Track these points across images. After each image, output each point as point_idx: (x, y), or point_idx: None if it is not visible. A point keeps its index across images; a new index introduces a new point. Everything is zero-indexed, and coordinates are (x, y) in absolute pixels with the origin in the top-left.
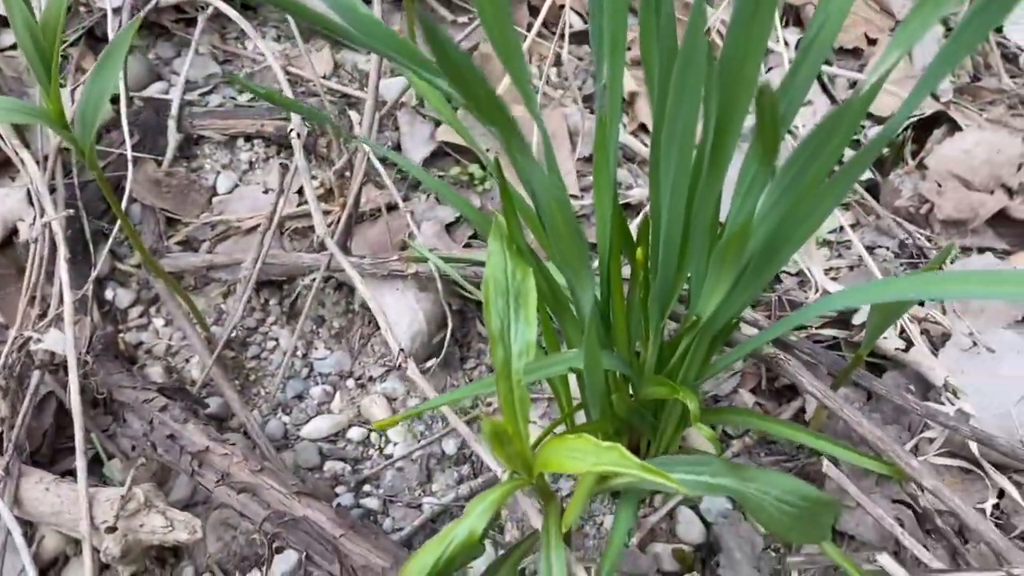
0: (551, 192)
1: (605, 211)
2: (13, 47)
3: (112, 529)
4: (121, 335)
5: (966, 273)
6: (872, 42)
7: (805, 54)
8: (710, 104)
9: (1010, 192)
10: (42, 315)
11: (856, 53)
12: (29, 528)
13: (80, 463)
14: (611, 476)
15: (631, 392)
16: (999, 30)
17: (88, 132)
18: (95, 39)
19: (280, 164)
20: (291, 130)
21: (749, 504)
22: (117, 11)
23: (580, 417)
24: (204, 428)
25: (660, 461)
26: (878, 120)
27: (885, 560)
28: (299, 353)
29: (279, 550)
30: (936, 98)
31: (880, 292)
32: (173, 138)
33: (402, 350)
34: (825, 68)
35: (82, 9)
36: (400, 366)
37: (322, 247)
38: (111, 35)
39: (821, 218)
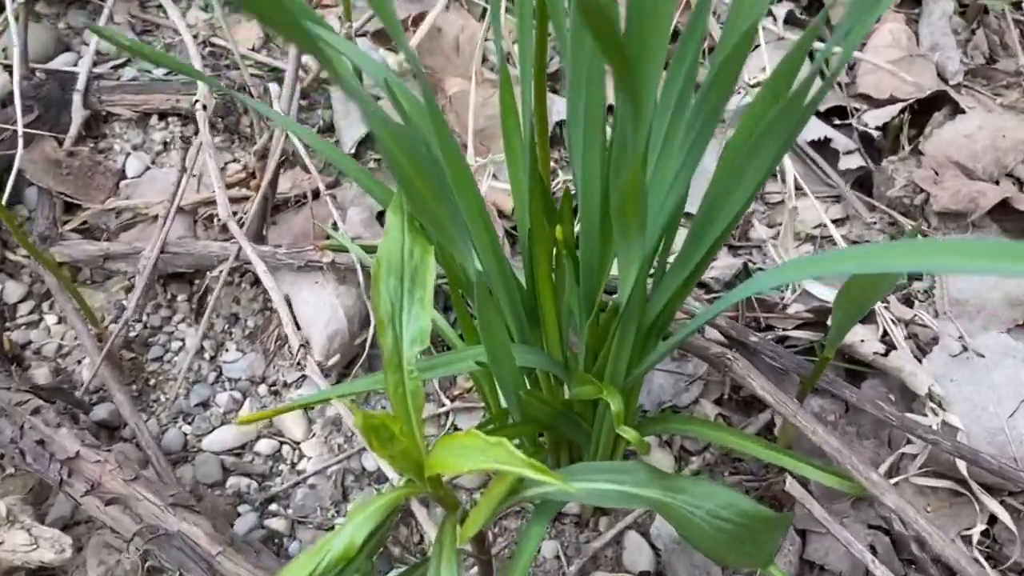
0: (395, 135)
1: (520, 183)
2: None
3: None
4: (7, 333)
5: (943, 242)
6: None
7: None
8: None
9: (1018, 182)
10: None
11: None
12: None
13: None
14: (523, 486)
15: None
16: (1018, 5)
17: None
18: None
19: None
20: (196, 101)
21: (675, 519)
22: None
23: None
24: (78, 433)
25: (580, 467)
26: (876, 103)
27: None
28: (206, 355)
29: (153, 571)
30: (944, 80)
31: (828, 265)
32: (78, 114)
33: (304, 344)
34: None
35: None
36: (300, 363)
37: (222, 229)
38: (8, 3)
39: (756, 177)
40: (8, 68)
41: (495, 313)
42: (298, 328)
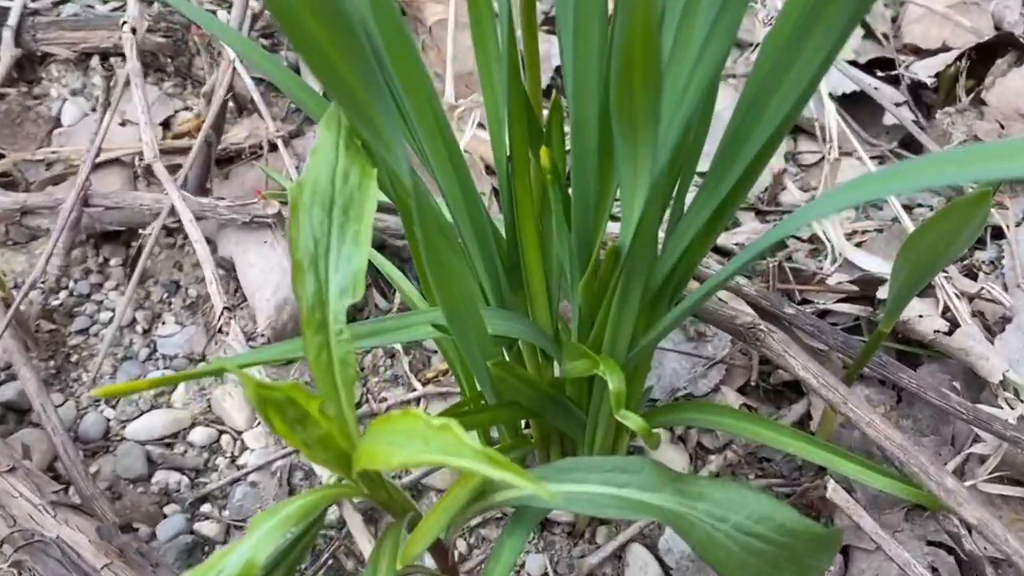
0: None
1: (495, 97)
2: None
3: None
4: None
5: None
6: None
7: None
8: None
9: None
10: None
11: None
12: None
13: None
14: (491, 488)
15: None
16: None
17: None
18: None
19: (150, 86)
20: (123, 22)
21: (692, 535)
22: None
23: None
24: None
25: (569, 464)
26: (925, 53)
27: None
28: (139, 328)
29: None
30: (998, 27)
31: (878, 186)
32: (8, 52)
33: (227, 308)
34: None
35: None
36: (223, 329)
37: (143, 175)
38: None
39: (807, 74)
40: None
41: (453, 258)
42: (237, 293)
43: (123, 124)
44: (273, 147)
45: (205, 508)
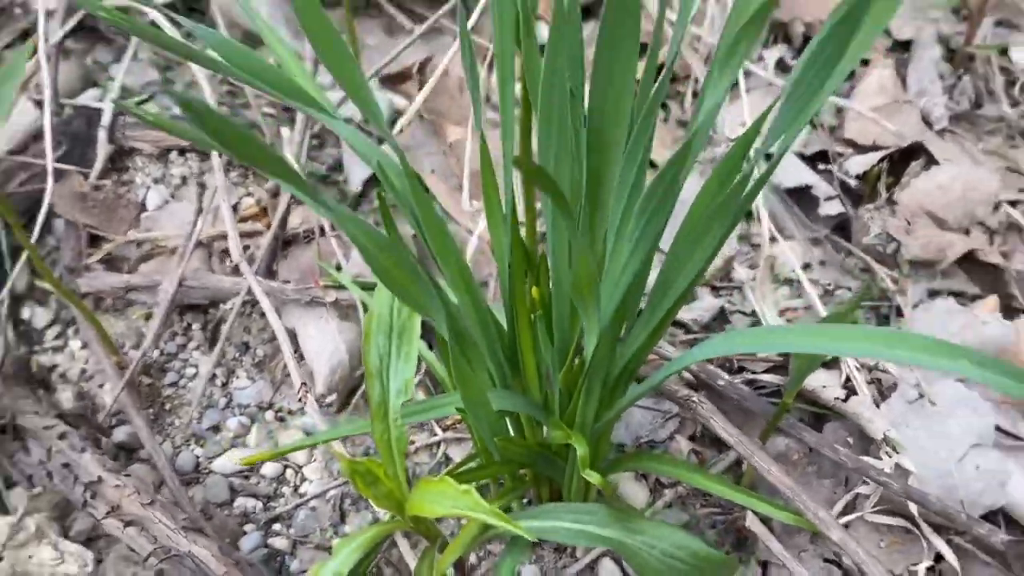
0: (379, 244)
1: (501, 242)
2: None
3: None
4: (35, 356)
5: (853, 329)
6: (865, 63)
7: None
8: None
9: (989, 232)
10: None
11: (850, 74)
12: None
13: None
14: (494, 526)
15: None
16: (1004, 52)
17: None
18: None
19: (222, 177)
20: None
21: (634, 560)
22: (51, 14)
23: None
24: (100, 458)
25: (547, 508)
26: (860, 149)
27: None
28: (218, 382)
29: None
30: (929, 125)
31: (743, 342)
32: (103, 149)
33: (304, 384)
34: None
35: (17, 10)
36: (301, 399)
37: (234, 268)
38: (42, 38)
39: (706, 252)
40: (39, 104)
41: (470, 371)
42: (302, 360)
43: (199, 211)
44: (322, 231)
45: (276, 527)
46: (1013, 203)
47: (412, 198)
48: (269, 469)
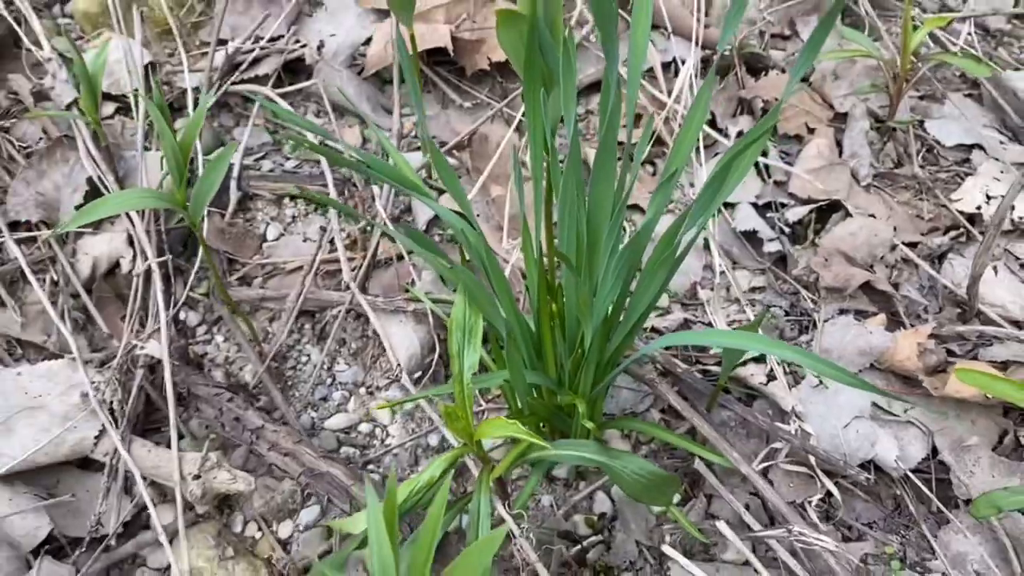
0: (473, 284)
1: (533, 275)
2: (110, 117)
3: (197, 477)
4: (191, 347)
5: (735, 333)
6: (811, 131)
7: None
8: (580, 214)
9: (889, 267)
10: (138, 330)
11: (798, 139)
12: (128, 478)
13: (173, 433)
14: (528, 450)
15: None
16: (921, 123)
17: (199, 210)
18: (173, 110)
19: (321, 218)
20: (329, 195)
21: (613, 473)
22: (196, 90)
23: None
24: (259, 413)
25: (558, 443)
26: (800, 200)
27: (722, 527)
28: (325, 367)
29: (307, 497)
30: (857, 181)
31: (684, 338)
32: (234, 195)
33: (399, 365)
34: (760, 159)
35: (165, 87)
36: (398, 376)
37: (347, 287)
38: (190, 111)
39: (658, 285)
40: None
41: (517, 356)
42: (384, 352)
43: (304, 241)
44: (399, 258)
45: (370, 468)
46: (913, 244)
47: (482, 249)
48: (364, 428)
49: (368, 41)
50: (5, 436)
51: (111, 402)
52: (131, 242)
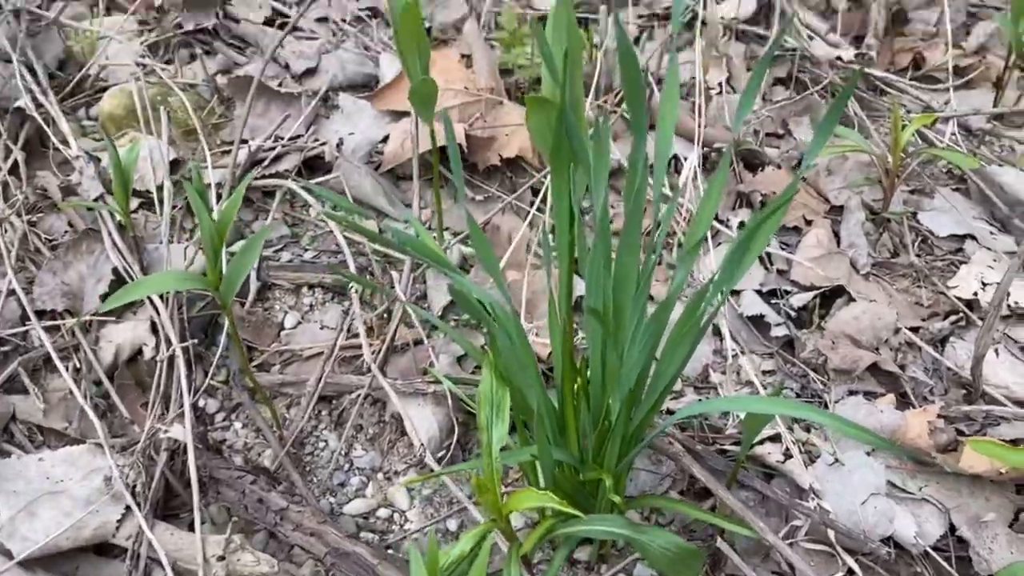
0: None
1: (558, 349)
2: (135, 211)
3: (221, 558)
4: (209, 433)
5: (763, 399)
6: (808, 222)
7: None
8: (607, 287)
9: (893, 350)
10: (161, 414)
11: (796, 230)
12: (148, 565)
13: (196, 516)
14: (555, 527)
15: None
16: (914, 215)
17: (231, 292)
18: None
19: (338, 306)
20: (351, 287)
21: (640, 547)
22: (219, 185)
23: None
24: (282, 495)
25: (587, 518)
26: (802, 287)
27: None
28: (343, 452)
29: None
30: (856, 270)
31: (712, 405)
32: (253, 285)
33: (422, 444)
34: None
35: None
36: (421, 457)
37: (367, 371)
38: (214, 203)
39: (682, 356)
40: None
41: (543, 431)
42: (403, 435)
43: (322, 328)
44: (416, 343)
45: (390, 552)
46: (915, 329)
47: (513, 327)
48: (382, 513)
49: (385, 139)
50: (28, 520)
51: (134, 485)
52: (154, 329)
